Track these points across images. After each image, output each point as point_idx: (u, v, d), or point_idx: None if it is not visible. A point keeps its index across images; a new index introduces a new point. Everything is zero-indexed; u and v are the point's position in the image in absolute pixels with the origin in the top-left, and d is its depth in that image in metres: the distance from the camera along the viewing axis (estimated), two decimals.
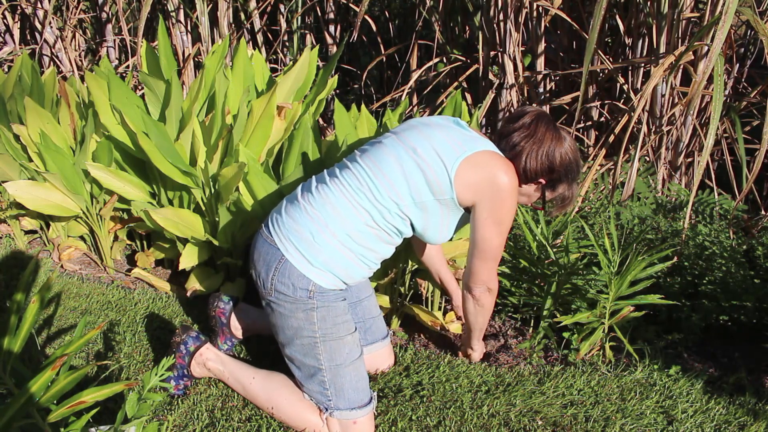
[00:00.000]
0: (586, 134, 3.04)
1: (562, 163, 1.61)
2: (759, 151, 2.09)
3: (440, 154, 1.54)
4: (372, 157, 1.58)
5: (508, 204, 1.57)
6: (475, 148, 1.55)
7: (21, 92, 2.33)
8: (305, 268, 1.54)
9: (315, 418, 1.61)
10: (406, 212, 1.56)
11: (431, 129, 1.60)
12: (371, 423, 1.62)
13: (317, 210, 1.56)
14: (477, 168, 1.54)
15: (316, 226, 1.54)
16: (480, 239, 1.61)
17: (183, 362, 1.76)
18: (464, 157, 1.53)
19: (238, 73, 2.20)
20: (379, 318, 1.84)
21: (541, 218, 2.09)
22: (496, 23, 2.92)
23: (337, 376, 1.59)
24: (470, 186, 1.54)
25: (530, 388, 1.80)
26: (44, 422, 1.17)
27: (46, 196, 2.28)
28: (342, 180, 1.58)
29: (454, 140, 1.57)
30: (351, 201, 1.55)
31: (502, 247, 1.64)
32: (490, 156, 1.56)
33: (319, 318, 1.56)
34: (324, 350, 1.58)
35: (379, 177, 1.55)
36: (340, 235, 1.54)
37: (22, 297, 1.25)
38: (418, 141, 1.57)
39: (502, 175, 1.54)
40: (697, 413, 1.71)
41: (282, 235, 1.57)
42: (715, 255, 2.16)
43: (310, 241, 1.54)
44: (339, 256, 1.55)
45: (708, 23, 2.21)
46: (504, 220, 1.58)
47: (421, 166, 1.53)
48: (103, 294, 2.29)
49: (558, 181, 1.64)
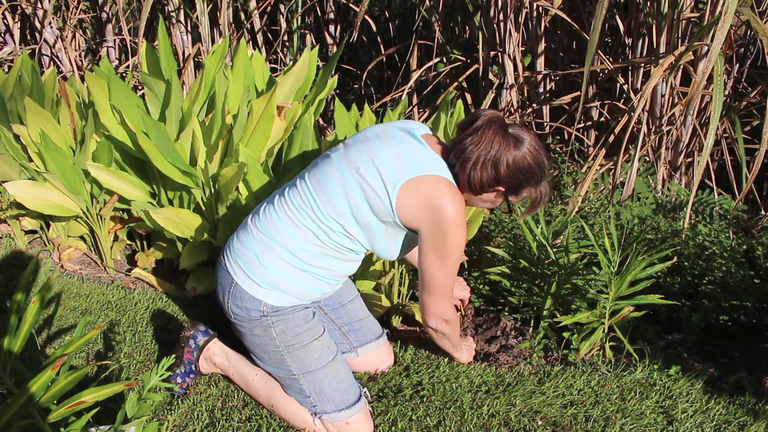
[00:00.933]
0: (586, 134, 3.04)
1: (516, 169, 1.48)
2: (759, 151, 2.09)
3: (382, 175, 1.47)
4: (317, 174, 1.55)
5: (452, 237, 1.48)
6: (419, 170, 1.47)
7: (21, 92, 2.33)
8: (254, 290, 1.56)
9: (311, 417, 1.62)
10: (350, 231, 1.52)
11: (380, 144, 1.52)
12: (365, 420, 1.62)
13: (262, 232, 1.57)
14: (419, 196, 1.46)
15: (261, 248, 1.56)
16: (424, 270, 1.54)
17: (191, 357, 1.76)
18: (406, 180, 1.46)
19: (238, 73, 2.20)
20: (368, 319, 1.84)
21: (541, 218, 2.09)
22: (496, 23, 2.92)
23: (314, 382, 1.59)
24: (412, 213, 1.47)
25: (530, 388, 1.80)
26: (44, 422, 1.17)
27: (46, 196, 2.28)
28: (287, 200, 1.57)
29: (399, 159, 1.48)
30: (294, 221, 1.54)
31: (451, 280, 1.56)
32: (433, 182, 1.47)
33: (278, 332, 1.58)
34: (292, 361, 1.59)
35: (321, 196, 1.52)
36: (285, 255, 1.54)
37: (22, 297, 1.25)
38: (363, 159, 1.51)
39: (446, 205, 1.45)
40: (697, 413, 1.71)
41: (231, 259, 1.60)
42: (715, 255, 2.16)
43: (256, 263, 1.56)
44: (287, 276, 1.56)
45: (708, 23, 2.21)
46: (449, 253, 1.49)
47: (363, 187, 1.49)
48: (103, 294, 2.29)
49: (519, 187, 1.52)
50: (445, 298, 1.58)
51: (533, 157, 1.48)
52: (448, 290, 1.57)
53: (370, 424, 1.63)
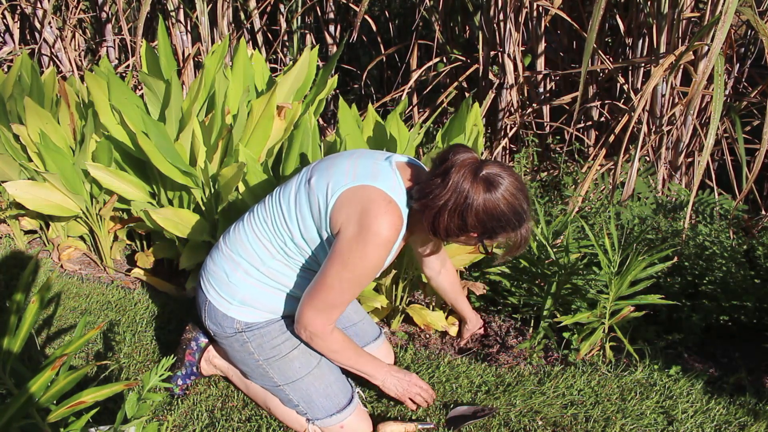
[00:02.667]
0: (586, 134, 3.04)
1: (488, 217, 1.34)
2: (759, 151, 2.09)
3: (329, 184, 1.41)
4: (281, 190, 1.54)
5: (366, 252, 1.35)
6: (364, 181, 1.38)
7: (21, 92, 2.33)
8: (225, 308, 1.57)
9: (307, 422, 1.61)
10: (303, 247, 1.48)
11: (343, 158, 1.47)
12: (361, 421, 1.61)
13: (230, 249, 1.58)
14: (353, 202, 1.37)
15: (230, 266, 1.56)
16: (320, 272, 1.42)
17: (193, 359, 1.76)
18: (349, 187, 1.38)
19: (238, 73, 2.20)
20: (362, 322, 1.82)
21: (541, 218, 2.09)
22: (496, 23, 2.92)
23: (300, 391, 1.58)
24: (340, 218, 1.38)
25: (530, 388, 1.80)
26: (44, 422, 1.17)
27: (46, 196, 2.28)
28: (255, 216, 1.56)
29: (352, 169, 1.41)
30: (259, 237, 1.53)
31: (340, 298, 1.42)
32: (375, 194, 1.36)
33: (255, 347, 1.58)
34: (274, 372, 1.59)
35: (279, 212, 1.49)
36: (253, 272, 1.54)
37: (22, 297, 1.25)
38: (319, 170, 1.46)
39: (374, 222, 1.34)
40: (698, 413, 1.71)
41: (205, 279, 1.61)
42: (716, 255, 2.16)
43: (225, 281, 1.56)
44: (257, 292, 1.55)
45: (708, 23, 2.21)
46: (354, 267, 1.37)
47: (309, 197, 1.43)
48: (103, 294, 2.29)
49: (492, 233, 1.39)
50: (320, 313, 1.44)
51: (508, 203, 1.34)
52: (330, 306, 1.44)
53: (367, 425, 1.62)
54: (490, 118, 3.14)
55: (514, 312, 2.18)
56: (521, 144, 3.06)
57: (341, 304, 1.45)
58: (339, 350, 1.53)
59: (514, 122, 3.02)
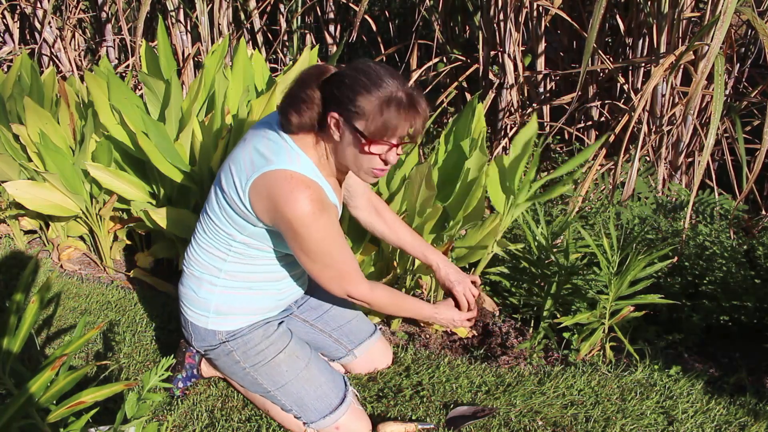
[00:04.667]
0: (586, 134, 3.04)
1: (334, 86, 1.31)
2: (759, 151, 2.09)
3: (236, 182, 1.42)
4: (208, 201, 1.57)
5: (307, 234, 1.38)
6: (260, 168, 1.38)
7: (20, 92, 2.33)
8: (204, 322, 1.60)
9: (303, 426, 1.61)
10: (245, 242, 1.51)
11: (239, 148, 1.47)
12: (357, 420, 1.60)
13: (189, 268, 1.63)
14: (262, 197, 1.38)
15: (194, 283, 1.60)
16: (307, 271, 1.49)
17: (193, 361, 1.76)
18: (251, 181, 1.39)
19: (237, 73, 2.20)
20: (355, 320, 1.82)
21: (541, 218, 2.09)
22: (496, 23, 2.92)
23: (291, 394, 1.59)
24: (266, 216, 1.41)
25: (530, 388, 1.80)
26: (44, 422, 1.17)
27: (46, 196, 2.28)
28: (198, 234, 1.61)
29: (249, 158, 1.41)
30: (206, 248, 1.57)
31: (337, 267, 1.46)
32: (271, 180, 1.37)
33: (241, 355, 1.60)
34: (263, 378, 1.60)
35: (207, 218, 1.55)
36: (215, 281, 1.57)
37: (22, 297, 1.25)
38: (225, 170, 1.48)
39: (288, 206, 1.34)
40: (698, 413, 1.71)
41: (180, 301, 1.66)
42: (716, 255, 2.16)
43: (195, 298, 1.60)
44: (227, 299, 1.58)
45: (708, 23, 2.21)
46: (311, 249, 1.41)
47: (227, 199, 1.47)
48: (103, 294, 2.29)
49: (349, 103, 1.29)
50: (345, 286, 1.50)
51: (360, 65, 1.31)
52: (344, 277, 1.49)
53: (365, 424, 1.61)
54: (490, 118, 3.14)
55: (514, 312, 2.18)
56: None
57: (347, 261, 1.48)
58: (388, 304, 1.61)
59: (514, 122, 3.02)
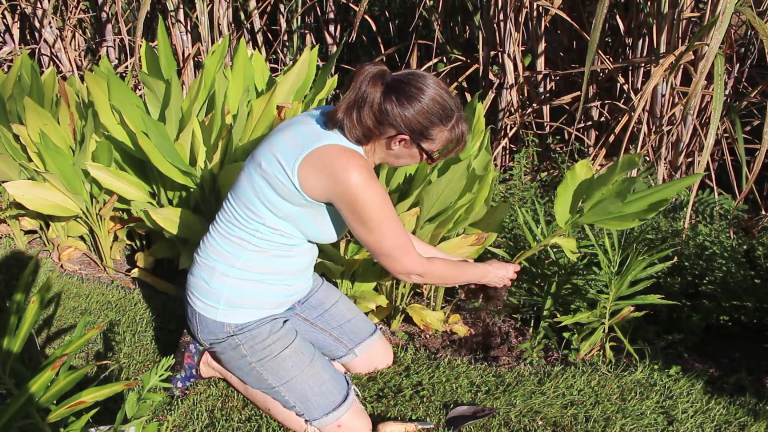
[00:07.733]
0: (586, 134, 3.04)
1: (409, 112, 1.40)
2: (759, 151, 2.09)
3: (281, 161, 1.46)
4: (234, 187, 1.59)
5: (364, 200, 1.42)
6: (311, 145, 1.44)
7: (20, 92, 2.33)
8: (213, 314, 1.60)
9: (306, 424, 1.61)
10: (274, 227, 1.52)
11: (278, 135, 1.51)
12: (358, 419, 1.60)
13: (203, 257, 1.62)
14: (316, 169, 1.43)
15: (206, 273, 1.60)
16: (363, 243, 1.52)
17: (192, 362, 1.76)
18: (302, 157, 1.43)
19: (237, 73, 2.20)
20: (356, 319, 1.83)
21: (541, 218, 2.09)
22: (496, 23, 2.92)
23: (295, 391, 1.59)
24: (317, 189, 1.44)
25: (530, 388, 1.80)
26: (44, 422, 1.17)
27: (46, 196, 2.28)
28: (217, 220, 1.62)
29: (294, 140, 1.47)
30: (226, 236, 1.58)
31: (395, 239, 1.49)
32: (326, 152, 1.43)
33: (248, 349, 1.60)
34: (268, 374, 1.60)
35: (239, 204, 1.55)
36: (230, 271, 1.57)
37: (22, 297, 1.25)
38: (263, 154, 1.51)
39: (342, 173, 1.40)
40: (698, 413, 1.71)
41: (189, 291, 1.65)
42: (716, 255, 2.16)
43: (206, 288, 1.60)
44: (239, 291, 1.58)
45: (708, 23, 2.21)
46: (371, 219, 1.45)
47: (267, 179, 1.48)
48: (103, 294, 2.29)
49: (424, 131, 1.44)
50: (403, 252, 1.52)
51: (433, 98, 1.41)
52: (400, 248, 1.51)
53: (366, 424, 1.61)
54: (490, 118, 3.14)
55: (514, 312, 2.18)
56: (521, 144, 3.06)
57: (402, 236, 1.51)
58: (446, 274, 1.64)
59: (514, 122, 3.02)
